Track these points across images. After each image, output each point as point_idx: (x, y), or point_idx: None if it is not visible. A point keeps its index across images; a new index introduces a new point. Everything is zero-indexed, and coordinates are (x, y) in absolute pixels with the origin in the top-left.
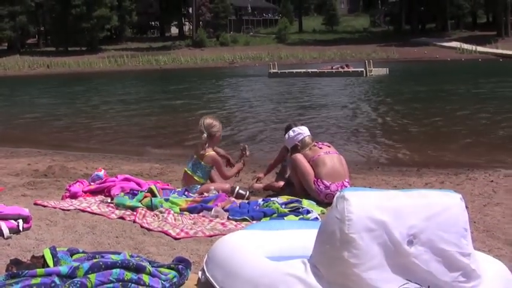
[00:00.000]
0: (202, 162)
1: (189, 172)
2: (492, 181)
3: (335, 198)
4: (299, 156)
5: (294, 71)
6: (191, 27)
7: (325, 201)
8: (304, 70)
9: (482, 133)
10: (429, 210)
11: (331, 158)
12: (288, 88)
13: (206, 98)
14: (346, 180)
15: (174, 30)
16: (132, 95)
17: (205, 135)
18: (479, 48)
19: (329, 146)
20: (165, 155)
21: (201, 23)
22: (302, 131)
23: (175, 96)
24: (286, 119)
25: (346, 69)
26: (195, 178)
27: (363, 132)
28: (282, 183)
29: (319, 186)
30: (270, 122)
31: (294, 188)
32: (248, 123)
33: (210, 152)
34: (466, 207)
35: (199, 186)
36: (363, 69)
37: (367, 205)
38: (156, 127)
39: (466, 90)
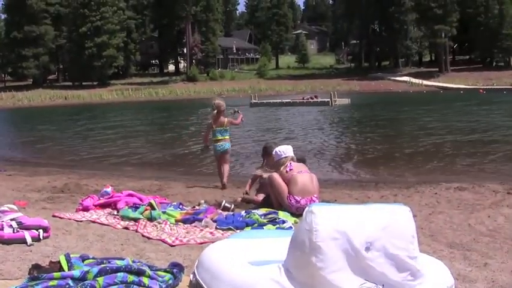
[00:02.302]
0: (226, 127)
1: (226, 137)
2: (436, 193)
3: (304, 212)
4: (275, 176)
5: (272, 101)
6: (185, 65)
7: (296, 213)
8: (280, 100)
9: (425, 153)
10: (383, 221)
11: (302, 176)
12: (266, 115)
13: (197, 123)
14: (315, 195)
15: (171, 67)
16: (134, 121)
17: (215, 111)
18: (425, 82)
19: (302, 165)
20: (163, 173)
21: (193, 61)
22: (285, 152)
23: (170, 122)
24: (262, 140)
25: (314, 99)
26: (227, 137)
27: (328, 152)
28: (261, 197)
29: (291, 201)
30: (250, 143)
31: (272, 201)
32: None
33: (226, 119)
34: (414, 216)
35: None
36: (328, 99)
37: (331, 218)
38: (155, 148)
39: (411, 117)
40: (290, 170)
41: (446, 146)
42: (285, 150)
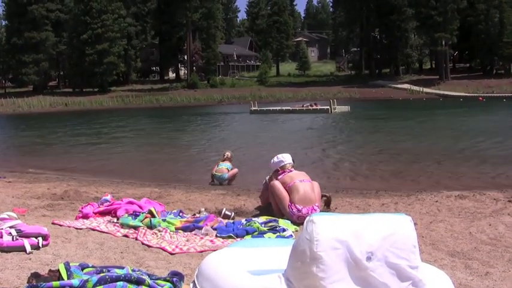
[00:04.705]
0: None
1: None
2: (437, 201)
3: (305, 221)
4: (276, 183)
5: (271, 108)
6: (186, 72)
7: (297, 221)
8: (279, 108)
9: (426, 160)
10: (384, 231)
11: (304, 185)
12: (265, 123)
13: (199, 130)
14: (316, 204)
15: (172, 74)
16: (134, 127)
17: (225, 157)
18: (425, 89)
19: (304, 174)
20: (163, 181)
21: (194, 68)
22: (284, 159)
23: (171, 128)
24: (262, 147)
25: (314, 107)
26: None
27: (328, 159)
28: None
29: (292, 209)
30: (251, 149)
31: (272, 209)
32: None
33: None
34: (415, 224)
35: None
36: (328, 107)
37: (332, 227)
38: (156, 156)
39: (411, 124)
40: (289, 171)
41: (446, 153)
42: (283, 157)
